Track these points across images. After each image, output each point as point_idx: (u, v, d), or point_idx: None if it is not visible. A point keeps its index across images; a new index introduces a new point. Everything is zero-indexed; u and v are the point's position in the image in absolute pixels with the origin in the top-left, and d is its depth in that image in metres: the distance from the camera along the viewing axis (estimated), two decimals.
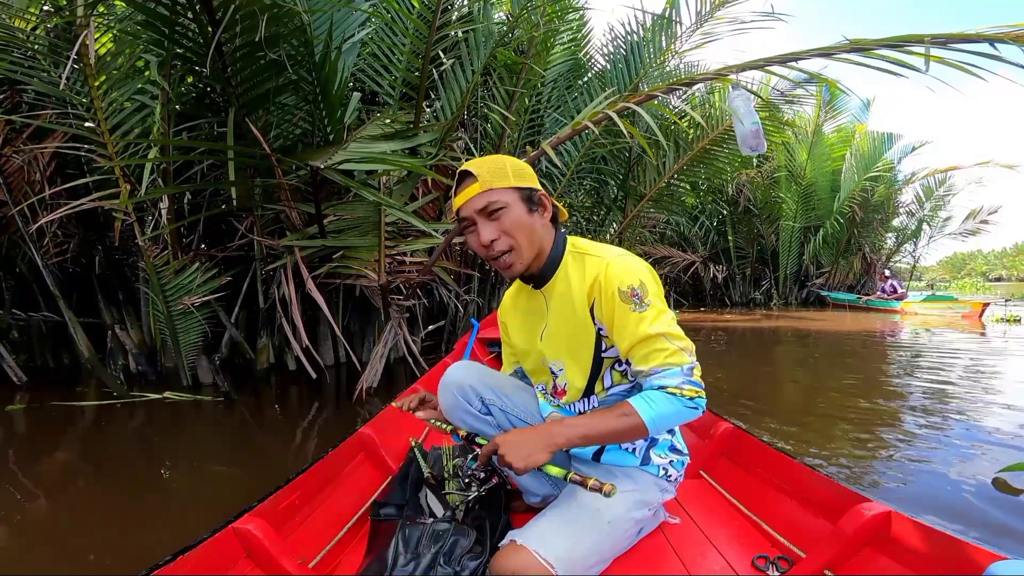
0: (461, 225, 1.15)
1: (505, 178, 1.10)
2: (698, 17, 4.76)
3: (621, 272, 1.07)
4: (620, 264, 1.08)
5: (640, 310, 1.05)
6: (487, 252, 1.11)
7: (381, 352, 3.55)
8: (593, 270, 1.11)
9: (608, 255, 1.11)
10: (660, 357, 1.04)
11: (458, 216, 1.14)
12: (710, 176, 6.50)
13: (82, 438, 2.88)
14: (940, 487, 2.05)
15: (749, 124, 1.89)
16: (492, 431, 1.32)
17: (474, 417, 1.32)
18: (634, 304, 1.05)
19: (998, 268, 68.75)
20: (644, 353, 1.05)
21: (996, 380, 4.12)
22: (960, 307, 10.33)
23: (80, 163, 3.77)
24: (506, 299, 1.39)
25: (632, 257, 1.12)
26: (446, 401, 1.33)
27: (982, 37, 1.66)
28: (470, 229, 1.12)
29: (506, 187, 1.09)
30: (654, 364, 1.04)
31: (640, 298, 1.05)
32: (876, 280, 13.56)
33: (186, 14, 2.67)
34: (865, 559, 1.08)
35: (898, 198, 14.73)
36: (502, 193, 1.09)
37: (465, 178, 1.12)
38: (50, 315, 4.26)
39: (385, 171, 3.48)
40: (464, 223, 1.13)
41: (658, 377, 1.04)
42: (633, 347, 1.06)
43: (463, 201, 1.11)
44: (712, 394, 3.57)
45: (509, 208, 1.09)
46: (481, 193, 1.08)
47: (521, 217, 1.10)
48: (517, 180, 1.11)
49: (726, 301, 14.61)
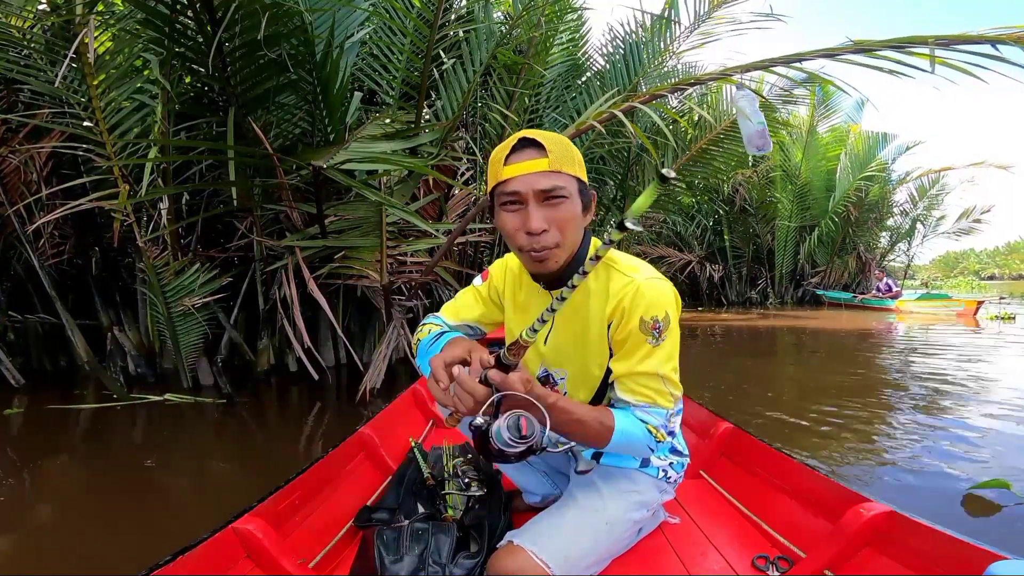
0: (502, 199, 0.97)
1: (573, 164, 0.96)
2: (696, 17, 4.77)
3: (649, 300, 1.00)
4: (650, 290, 1.00)
5: (655, 344, 1.00)
6: (528, 240, 0.96)
7: (384, 352, 3.54)
8: (620, 290, 1.02)
9: (638, 276, 1.02)
10: (651, 395, 1.02)
11: (500, 189, 0.97)
12: (708, 176, 6.51)
13: (83, 440, 2.87)
14: (936, 488, 2.05)
15: (755, 124, 1.89)
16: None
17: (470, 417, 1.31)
18: (652, 337, 1.00)
19: (991, 267, 69.12)
20: (637, 386, 1.02)
21: (991, 377, 4.15)
22: (955, 305, 10.39)
23: (77, 163, 3.75)
24: (500, 271, 1.25)
25: (662, 281, 1.04)
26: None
27: (984, 38, 1.68)
28: (513, 207, 0.96)
29: (572, 174, 0.96)
30: (642, 399, 1.02)
31: (660, 332, 1.00)
32: (871, 279, 13.63)
33: (186, 13, 2.66)
34: (865, 559, 1.08)
35: (892, 197, 14.82)
36: (568, 180, 0.95)
37: (526, 147, 0.95)
38: (47, 317, 4.23)
39: (386, 171, 3.48)
40: (507, 198, 0.96)
41: (642, 412, 1.02)
42: (629, 375, 1.03)
43: (520, 173, 0.93)
44: (711, 393, 3.59)
45: (571, 200, 0.96)
46: (548, 172, 0.93)
47: (576, 212, 0.97)
48: (580, 171, 0.98)
49: (722, 300, 14.65)
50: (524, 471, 1.37)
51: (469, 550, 1.17)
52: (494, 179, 0.98)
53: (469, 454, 1.62)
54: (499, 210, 0.99)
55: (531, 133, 0.95)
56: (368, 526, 1.34)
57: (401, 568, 1.10)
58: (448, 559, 1.12)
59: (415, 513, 1.37)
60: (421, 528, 1.19)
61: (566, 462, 1.33)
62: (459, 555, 1.14)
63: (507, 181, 0.95)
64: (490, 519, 1.28)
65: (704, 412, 1.82)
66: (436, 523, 1.22)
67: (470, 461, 1.58)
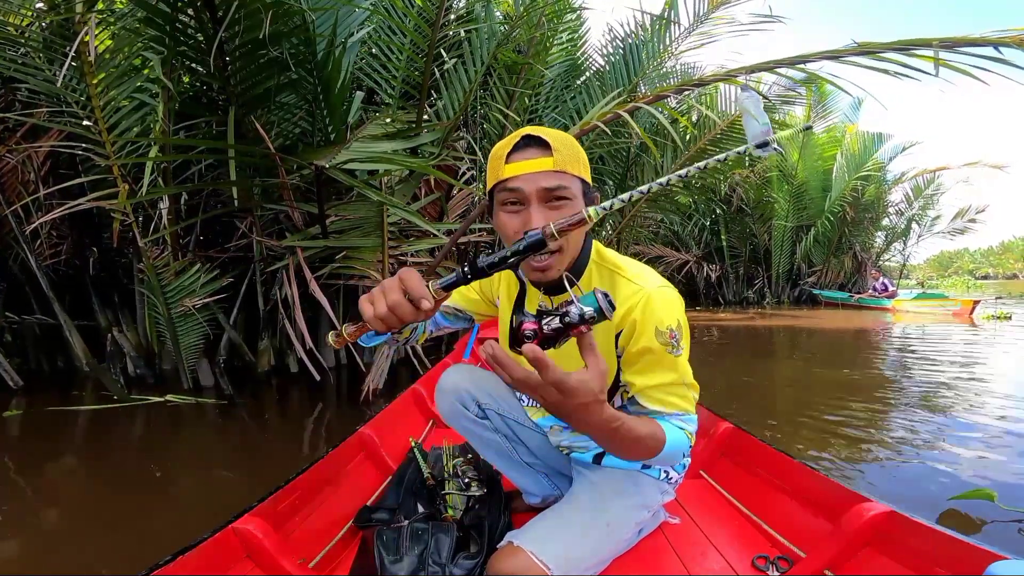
0: (502, 198, 0.92)
1: (578, 164, 0.92)
2: (696, 18, 4.78)
3: (662, 310, 0.96)
4: (661, 300, 0.97)
5: (676, 353, 0.97)
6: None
7: (387, 352, 3.54)
8: (628, 299, 0.98)
9: (647, 284, 0.99)
10: (680, 403, 0.99)
11: (500, 187, 0.93)
12: (705, 176, 6.53)
13: (84, 442, 2.85)
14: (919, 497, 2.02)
15: (760, 125, 1.89)
16: (491, 435, 1.32)
17: (472, 422, 1.30)
18: (671, 347, 0.96)
19: (985, 266, 69.48)
20: (667, 396, 0.98)
21: (986, 376, 4.17)
22: (951, 305, 10.44)
23: (75, 163, 3.72)
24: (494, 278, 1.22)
25: (670, 289, 1.01)
26: (444, 408, 1.31)
27: (986, 41, 1.69)
28: (513, 207, 0.92)
29: (577, 175, 0.92)
30: (674, 408, 0.98)
31: (677, 341, 0.96)
32: (867, 278, 13.70)
33: (186, 11, 2.66)
34: (865, 559, 1.08)
35: (888, 197, 14.90)
36: (573, 181, 0.91)
37: (530, 145, 0.91)
38: (44, 318, 4.20)
39: (387, 171, 3.47)
40: (508, 197, 0.91)
41: (679, 420, 0.98)
42: (658, 387, 0.98)
43: (524, 172, 0.89)
44: (709, 393, 3.60)
45: (575, 202, 0.91)
46: (554, 172, 0.89)
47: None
48: (585, 172, 0.95)
49: (720, 300, 14.70)
50: (524, 472, 1.37)
51: (469, 550, 1.17)
52: (494, 177, 0.93)
53: (469, 454, 1.62)
54: (498, 210, 0.94)
55: (536, 130, 0.91)
56: (368, 526, 1.34)
57: (401, 568, 1.10)
58: (448, 559, 1.12)
59: (415, 513, 1.37)
60: (421, 528, 1.19)
61: (566, 463, 1.33)
62: (459, 555, 1.14)
63: (508, 180, 0.90)
64: (490, 519, 1.29)
65: (704, 412, 1.82)
66: (436, 523, 1.22)
67: (470, 461, 1.58)
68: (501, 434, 1.32)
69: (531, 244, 0.73)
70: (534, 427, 1.33)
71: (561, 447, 1.27)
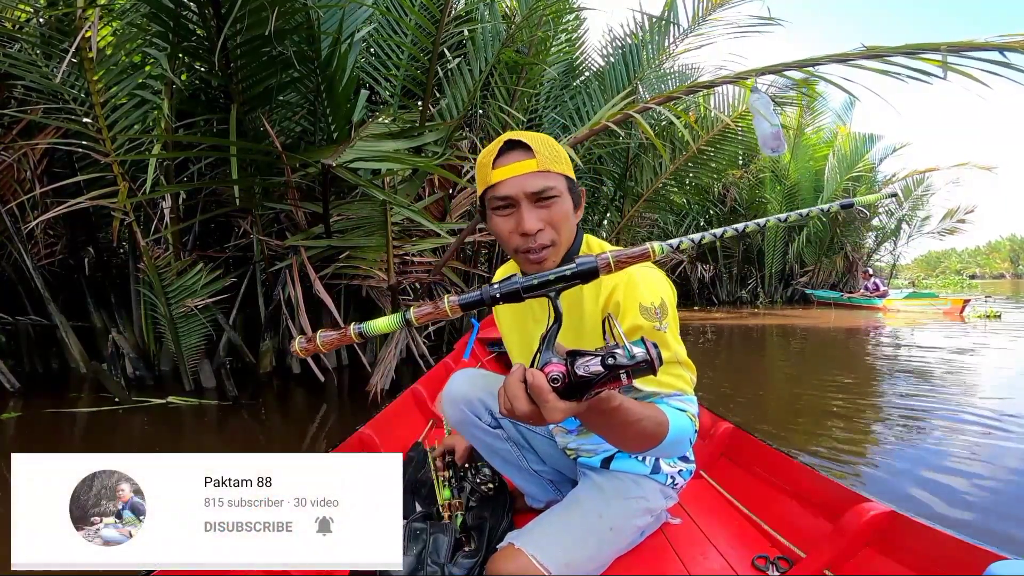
0: (494, 204, 0.96)
1: (560, 162, 0.96)
2: (695, 19, 4.80)
3: (644, 287, 0.97)
4: (643, 278, 0.98)
5: (663, 330, 0.96)
6: (523, 242, 0.95)
7: (392, 353, 3.52)
8: (611, 279, 0.98)
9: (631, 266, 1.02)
10: (676, 382, 0.96)
11: (490, 194, 0.96)
12: (703, 176, 6.56)
13: (84, 443, 2.82)
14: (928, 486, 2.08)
15: (770, 126, 1.90)
16: (503, 445, 1.31)
17: (484, 432, 1.29)
18: (657, 323, 0.96)
19: (972, 266, 70.25)
20: (660, 375, 0.91)
21: (977, 369, 4.23)
22: (941, 304, 10.57)
23: (71, 161, 3.67)
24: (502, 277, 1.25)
25: (653, 268, 1.02)
26: (455, 417, 1.29)
27: (992, 46, 1.72)
28: (505, 210, 0.96)
29: (560, 173, 0.96)
30: (670, 388, 0.96)
31: (661, 318, 0.96)
32: (859, 278, 13.82)
33: (190, 7, 2.64)
34: (865, 559, 1.09)
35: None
36: (557, 179, 0.95)
37: (512, 149, 0.94)
38: (38, 319, 4.13)
39: (390, 170, 3.46)
40: (499, 202, 0.95)
41: (677, 400, 0.95)
42: None
43: (509, 176, 0.93)
44: (708, 392, 3.62)
45: (562, 198, 0.95)
46: (538, 173, 0.93)
47: (568, 210, 0.97)
48: (567, 168, 0.98)
49: (713, 300, 14.77)
50: (531, 479, 1.36)
51: (468, 547, 1.16)
52: (483, 184, 0.97)
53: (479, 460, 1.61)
54: (491, 214, 0.98)
55: (515, 135, 0.95)
56: None
57: (399, 568, 1.10)
58: (447, 559, 1.11)
59: (413, 513, 1.37)
60: (419, 528, 1.18)
61: (574, 469, 1.32)
62: (458, 555, 1.13)
63: (497, 185, 0.94)
64: (493, 520, 1.28)
65: (704, 412, 1.82)
66: (434, 523, 1.21)
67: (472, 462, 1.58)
68: (512, 442, 1.31)
69: (581, 272, 0.70)
70: (545, 432, 1.32)
71: (568, 450, 1.28)
